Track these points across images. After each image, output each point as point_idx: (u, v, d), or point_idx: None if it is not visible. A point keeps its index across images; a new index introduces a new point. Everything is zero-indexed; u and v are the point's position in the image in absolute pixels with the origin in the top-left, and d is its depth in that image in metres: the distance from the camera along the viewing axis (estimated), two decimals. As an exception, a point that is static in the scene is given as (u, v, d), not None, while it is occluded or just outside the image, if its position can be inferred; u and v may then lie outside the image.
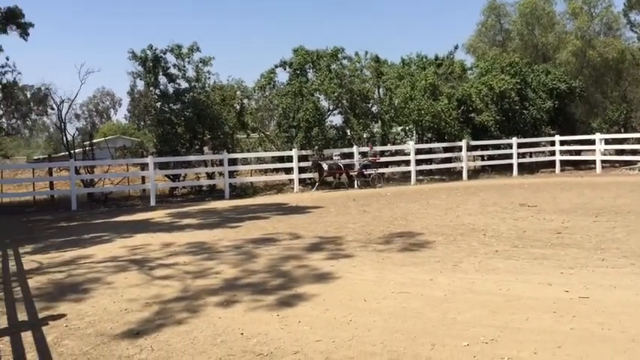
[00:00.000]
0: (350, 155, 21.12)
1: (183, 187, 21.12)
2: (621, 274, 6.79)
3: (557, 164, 23.92)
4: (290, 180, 20.92)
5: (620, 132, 27.32)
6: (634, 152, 23.87)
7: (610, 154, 24.85)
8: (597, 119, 28.31)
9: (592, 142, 23.64)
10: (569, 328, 5.01)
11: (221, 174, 20.30)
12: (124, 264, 8.66)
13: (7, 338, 5.34)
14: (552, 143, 24.14)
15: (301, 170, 20.53)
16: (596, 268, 7.17)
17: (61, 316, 6.01)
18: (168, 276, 7.67)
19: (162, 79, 21.33)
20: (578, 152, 25.47)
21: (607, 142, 24.11)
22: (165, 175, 20.99)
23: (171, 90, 21.41)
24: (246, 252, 9.19)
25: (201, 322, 5.63)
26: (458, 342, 4.77)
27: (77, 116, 58.96)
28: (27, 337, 5.38)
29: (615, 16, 30.55)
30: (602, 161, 23.26)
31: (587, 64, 29.76)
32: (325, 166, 20.16)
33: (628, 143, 24.98)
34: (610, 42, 29.70)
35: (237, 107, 22.57)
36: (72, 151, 20.76)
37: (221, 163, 20.13)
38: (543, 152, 25.19)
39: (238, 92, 22.91)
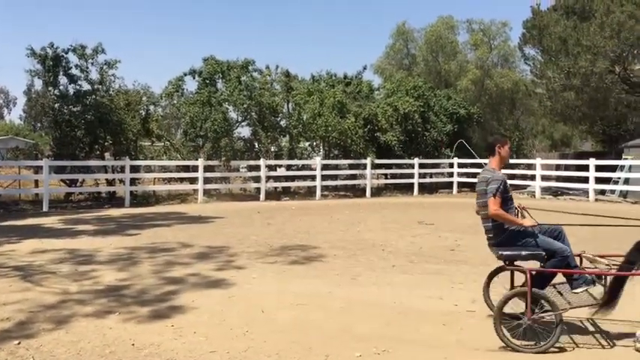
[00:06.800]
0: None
1: (80, 194, 20.07)
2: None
3: (455, 185, 25.06)
4: (194, 190, 20.52)
5: (512, 158, 29.02)
6: (524, 177, 25.45)
7: (502, 179, 26.24)
8: (492, 145, 29.88)
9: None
10: (455, 340, 5.26)
11: (122, 181, 19.55)
12: (7, 271, 8.13)
13: None
14: (451, 165, 25.28)
15: (206, 180, 20.21)
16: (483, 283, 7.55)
17: None
18: (56, 283, 7.27)
19: (63, 80, 20.23)
20: (474, 175, 26.78)
21: (501, 166, 25.49)
22: (61, 180, 19.92)
23: (71, 91, 20.36)
24: (142, 260, 8.90)
25: (90, 331, 5.38)
26: (351, 353, 4.87)
27: (-35, 113, 54.75)
28: None
29: (511, 50, 32.64)
30: (496, 185, 24.58)
31: (485, 93, 31.59)
32: None
33: (519, 169, 26.58)
34: (506, 73, 31.78)
35: (143, 113, 21.86)
36: (-43, 150, 19.27)
37: (122, 169, 19.42)
38: (443, 173, 26.31)
39: (144, 98, 22.22)
